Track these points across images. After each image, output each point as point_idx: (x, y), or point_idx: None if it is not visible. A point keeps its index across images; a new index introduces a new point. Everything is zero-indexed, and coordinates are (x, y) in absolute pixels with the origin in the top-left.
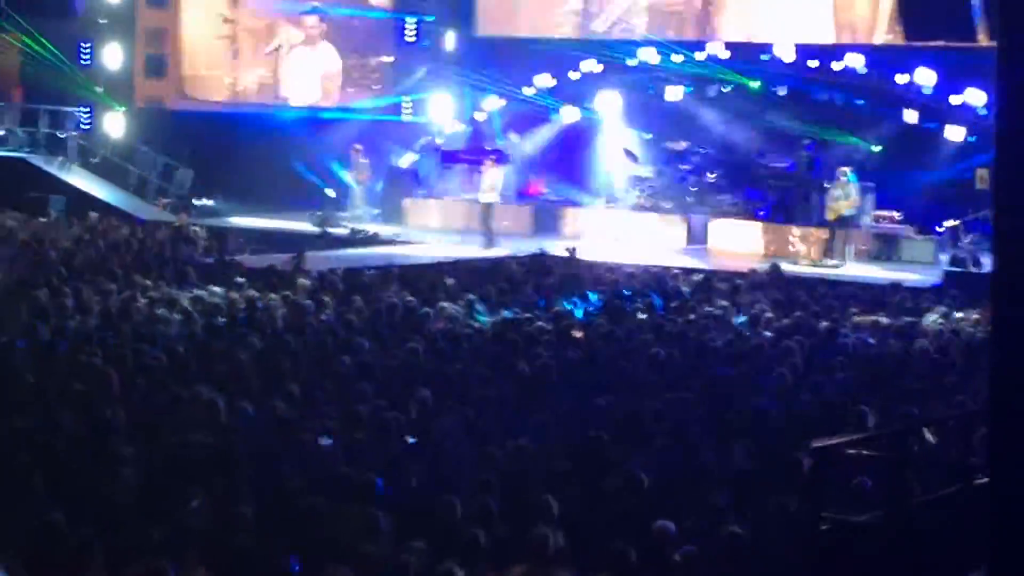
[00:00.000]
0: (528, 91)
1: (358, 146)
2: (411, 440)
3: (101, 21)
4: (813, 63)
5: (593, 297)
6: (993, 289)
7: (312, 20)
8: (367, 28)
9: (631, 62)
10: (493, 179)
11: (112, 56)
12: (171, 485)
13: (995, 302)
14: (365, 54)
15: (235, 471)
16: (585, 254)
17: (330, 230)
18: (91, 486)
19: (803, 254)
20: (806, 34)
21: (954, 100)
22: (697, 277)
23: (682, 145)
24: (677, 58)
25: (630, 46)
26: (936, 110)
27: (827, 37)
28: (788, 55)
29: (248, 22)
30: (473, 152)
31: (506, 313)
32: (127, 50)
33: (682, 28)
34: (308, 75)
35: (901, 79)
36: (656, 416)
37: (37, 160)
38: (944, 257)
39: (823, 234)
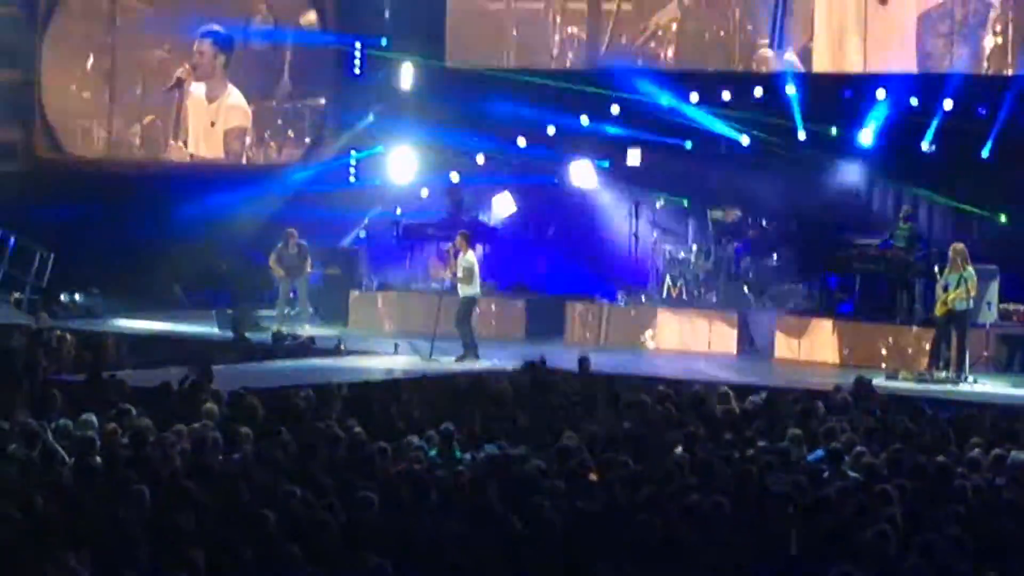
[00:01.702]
0: (522, 142)
1: (292, 231)
2: None
3: None
4: (914, 101)
5: None
6: None
7: (205, 48)
8: (291, 59)
9: (664, 101)
10: (471, 264)
11: None
12: None
13: None
14: (289, 95)
15: None
16: (601, 365)
17: (247, 335)
18: None
19: (903, 364)
20: (893, 61)
21: None
22: (756, 397)
23: (734, 214)
24: (726, 96)
25: (657, 80)
26: None
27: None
28: (879, 90)
29: (130, 52)
30: (445, 227)
31: (491, 448)
32: None
33: (728, 58)
34: (204, 125)
35: None
36: None
37: None
38: None
39: (930, 336)
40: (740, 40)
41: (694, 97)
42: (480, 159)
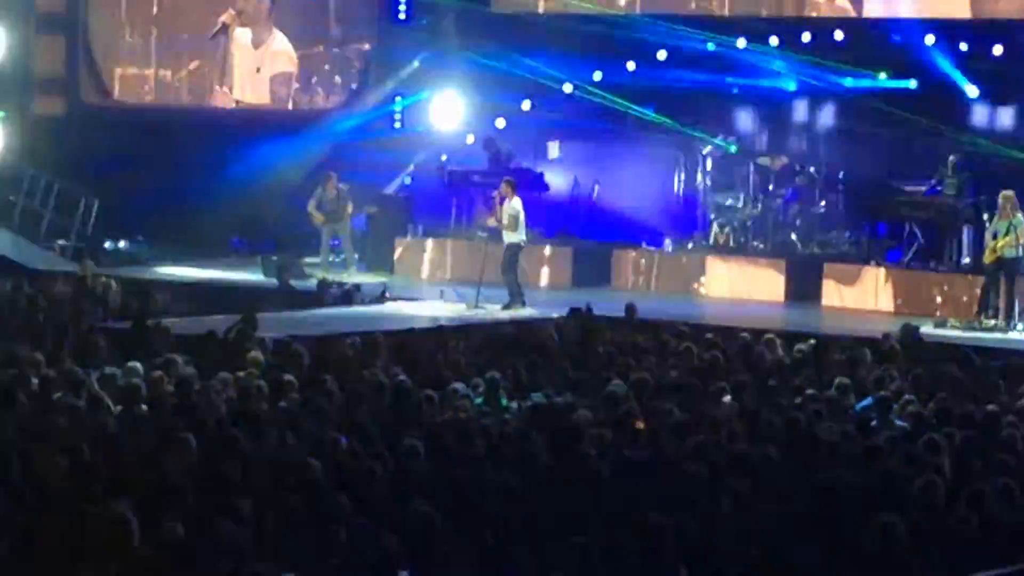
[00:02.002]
0: (568, 88)
1: (332, 174)
2: (405, 574)
3: None
4: (963, 46)
5: None
6: None
7: None
8: (336, 4)
9: (711, 47)
10: (517, 211)
11: None
12: None
13: None
14: (334, 40)
15: None
16: (648, 313)
17: (292, 282)
18: None
19: (951, 312)
20: (944, 6)
21: None
22: (803, 345)
23: (781, 161)
24: (774, 41)
25: (710, 27)
26: None
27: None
28: (927, 35)
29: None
30: (491, 174)
31: (538, 397)
32: (19, 38)
33: (778, 3)
34: (249, 71)
35: None
36: (746, 540)
37: None
38: None
39: (979, 284)
40: None
41: (742, 43)
42: (526, 106)
